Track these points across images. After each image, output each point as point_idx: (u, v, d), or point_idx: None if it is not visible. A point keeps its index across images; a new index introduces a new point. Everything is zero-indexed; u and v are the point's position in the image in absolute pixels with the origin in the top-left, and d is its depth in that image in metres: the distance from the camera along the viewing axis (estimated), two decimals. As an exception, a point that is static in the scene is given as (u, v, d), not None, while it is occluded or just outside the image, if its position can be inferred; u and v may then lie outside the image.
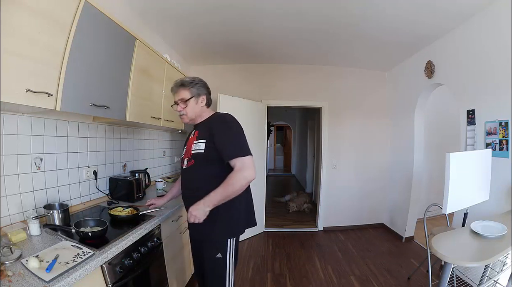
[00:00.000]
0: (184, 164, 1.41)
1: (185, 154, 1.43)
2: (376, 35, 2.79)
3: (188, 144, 1.41)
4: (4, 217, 1.22)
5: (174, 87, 1.41)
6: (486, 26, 2.19)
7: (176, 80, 1.40)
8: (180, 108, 1.39)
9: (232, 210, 1.32)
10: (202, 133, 1.35)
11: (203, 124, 1.40)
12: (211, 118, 1.41)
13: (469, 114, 2.39)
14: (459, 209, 1.85)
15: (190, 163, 1.36)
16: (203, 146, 1.31)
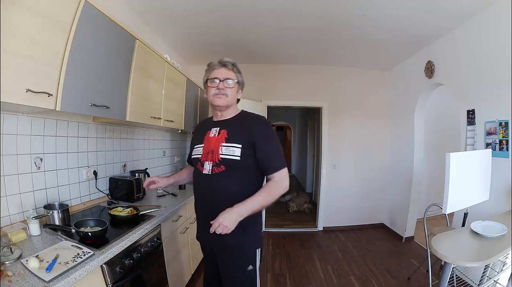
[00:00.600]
0: (205, 169, 1.19)
1: (205, 155, 1.21)
2: (376, 35, 2.79)
3: (210, 144, 1.21)
4: (4, 217, 1.21)
5: (224, 62, 1.22)
6: (486, 26, 2.19)
7: (225, 58, 1.24)
8: (222, 85, 1.19)
9: (258, 217, 1.23)
10: (236, 135, 1.18)
11: (234, 123, 1.23)
12: (246, 119, 1.25)
13: (469, 114, 2.39)
14: (459, 209, 1.85)
15: (218, 169, 1.15)
16: (238, 152, 1.14)
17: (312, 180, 5.93)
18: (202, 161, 1.21)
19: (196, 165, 1.24)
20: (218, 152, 1.16)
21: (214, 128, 1.24)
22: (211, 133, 1.24)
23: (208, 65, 1.27)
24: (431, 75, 2.93)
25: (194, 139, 1.37)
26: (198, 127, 1.44)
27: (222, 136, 1.20)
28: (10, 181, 1.25)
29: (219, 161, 1.16)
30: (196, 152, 1.27)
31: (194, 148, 1.31)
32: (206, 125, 1.31)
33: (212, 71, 1.24)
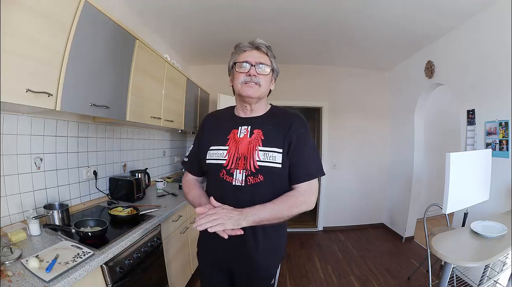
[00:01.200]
0: (236, 179, 0.94)
1: (233, 162, 0.95)
2: (376, 35, 2.79)
3: (241, 148, 0.96)
4: (4, 217, 1.21)
5: (257, 44, 1.00)
6: (486, 26, 2.19)
7: (258, 39, 1.01)
8: (254, 71, 0.96)
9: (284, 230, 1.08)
10: (275, 137, 0.96)
11: (269, 122, 1.00)
12: (282, 116, 1.03)
13: (469, 114, 2.39)
14: (459, 209, 1.85)
15: (254, 180, 0.93)
16: (279, 158, 0.93)
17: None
18: (230, 169, 0.95)
19: (218, 173, 0.96)
20: (254, 158, 0.93)
21: (243, 126, 1.00)
22: (239, 132, 0.99)
23: (236, 46, 1.02)
24: (431, 75, 2.93)
25: (207, 137, 1.05)
26: (211, 121, 1.10)
27: (257, 138, 0.96)
28: (10, 181, 1.25)
29: (256, 170, 0.92)
30: (215, 156, 0.98)
31: (210, 149, 1.00)
32: (227, 121, 1.05)
33: (242, 53, 0.99)
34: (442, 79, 2.81)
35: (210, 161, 1.00)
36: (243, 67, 0.97)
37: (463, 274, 2.10)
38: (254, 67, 0.96)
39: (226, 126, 1.03)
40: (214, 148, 1.00)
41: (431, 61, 2.91)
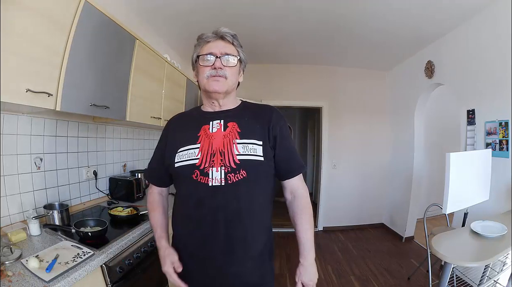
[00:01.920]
0: (213, 178, 0.82)
1: (207, 159, 0.84)
2: (377, 35, 2.79)
3: (215, 142, 0.86)
4: (4, 217, 1.21)
5: (222, 33, 0.90)
6: (486, 26, 2.19)
7: (223, 28, 0.91)
8: (220, 64, 0.87)
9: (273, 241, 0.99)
10: (252, 128, 0.89)
11: (243, 114, 0.93)
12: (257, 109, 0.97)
13: (469, 114, 2.39)
14: (459, 209, 1.85)
15: (237, 177, 0.82)
16: (260, 151, 0.85)
17: (312, 180, 5.93)
18: (204, 168, 0.83)
19: (190, 175, 0.83)
20: (233, 152, 0.83)
21: (214, 120, 0.90)
22: (210, 127, 0.89)
23: (198, 37, 0.93)
24: (431, 75, 2.93)
25: (173, 140, 0.93)
26: (176, 123, 1.00)
27: (232, 130, 0.88)
28: (10, 181, 1.25)
29: (237, 165, 0.82)
30: (185, 157, 0.86)
31: (178, 152, 0.88)
32: (195, 118, 0.95)
33: (205, 45, 0.90)
34: (442, 79, 2.81)
35: (180, 164, 0.86)
36: (207, 59, 0.87)
37: (463, 274, 2.10)
38: (220, 58, 0.87)
39: (195, 123, 0.92)
40: (182, 149, 0.88)
41: (431, 61, 2.91)
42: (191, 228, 0.87)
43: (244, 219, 0.84)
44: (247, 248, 0.85)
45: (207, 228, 0.83)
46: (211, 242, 0.84)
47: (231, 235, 0.83)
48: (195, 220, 0.85)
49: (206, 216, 0.83)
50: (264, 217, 0.90)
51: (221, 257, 0.84)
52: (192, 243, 0.87)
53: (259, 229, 0.88)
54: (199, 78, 0.91)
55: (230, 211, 0.82)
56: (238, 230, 0.83)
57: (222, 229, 0.82)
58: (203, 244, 0.85)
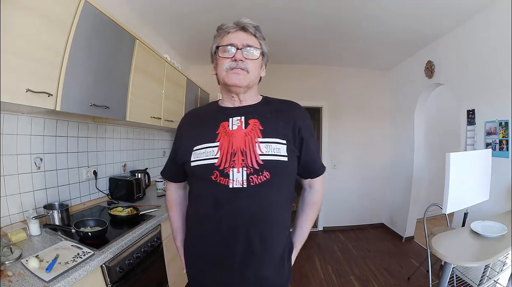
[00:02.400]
0: (234, 180, 0.77)
1: (227, 159, 0.78)
2: (377, 35, 2.79)
3: (236, 141, 0.80)
4: (4, 217, 1.22)
5: (243, 24, 0.83)
6: (486, 26, 2.19)
7: (244, 19, 0.84)
8: (241, 56, 0.81)
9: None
10: (275, 126, 0.83)
11: (265, 110, 0.87)
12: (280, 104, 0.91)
13: (469, 114, 2.39)
14: (459, 209, 1.85)
15: (259, 179, 0.77)
16: (284, 150, 0.80)
17: (312, 180, 5.93)
18: (224, 169, 0.77)
19: (209, 176, 0.78)
20: (256, 152, 0.78)
21: (234, 117, 0.84)
22: (230, 124, 0.83)
23: (218, 28, 0.86)
24: (431, 75, 2.93)
25: (189, 137, 0.87)
26: (191, 119, 0.94)
27: (254, 128, 0.81)
28: (10, 181, 1.25)
29: (260, 166, 0.77)
30: (203, 156, 0.80)
31: (194, 150, 0.82)
32: (213, 114, 0.88)
33: (225, 35, 0.84)
34: (442, 79, 2.81)
35: (196, 163, 0.80)
36: (228, 51, 0.81)
37: (463, 274, 2.10)
38: (241, 50, 0.81)
39: (213, 120, 0.86)
40: (200, 147, 0.82)
41: (431, 61, 2.91)
42: (208, 230, 0.82)
43: (266, 222, 0.80)
44: (267, 251, 0.81)
45: (225, 231, 0.79)
46: (229, 245, 0.79)
47: (251, 238, 0.78)
48: (213, 222, 0.80)
49: (224, 218, 0.78)
50: (285, 219, 0.86)
51: (240, 261, 0.79)
52: (208, 246, 0.83)
53: (280, 231, 0.85)
54: (218, 71, 0.84)
55: (252, 214, 0.77)
56: (259, 233, 0.79)
57: (242, 232, 0.77)
58: (221, 247, 0.80)
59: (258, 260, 0.80)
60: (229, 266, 0.80)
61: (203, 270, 0.86)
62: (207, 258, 0.84)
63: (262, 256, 0.81)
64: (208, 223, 0.81)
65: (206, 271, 0.85)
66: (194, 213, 0.88)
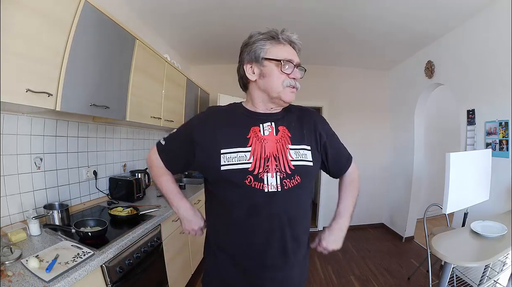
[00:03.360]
0: (268, 184, 0.78)
1: (260, 164, 0.79)
2: (377, 35, 2.79)
3: (269, 146, 0.82)
4: (4, 217, 1.21)
5: (293, 41, 0.89)
6: (486, 26, 2.19)
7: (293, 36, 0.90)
8: (299, 75, 0.87)
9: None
10: (300, 133, 0.87)
11: (290, 119, 0.90)
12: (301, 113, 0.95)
13: (469, 114, 2.39)
14: (459, 209, 1.85)
15: (292, 183, 0.80)
16: (310, 156, 0.85)
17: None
18: (258, 174, 0.78)
19: (243, 181, 0.78)
20: (288, 158, 0.81)
21: (265, 123, 0.85)
22: (261, 129, 0.84)
23: (267, 33, 0.84)
24: (431, 75, 2.93)
25: (214, 137, 0.83)
26: (217, 116, 0.90)
27: (283, 135, 0.85)
28: (10, 181, 1.25)
29: (292, 170, 0.80)
30: (235, 160, 0.79)
31: (222, 153, 0.80)
32: (240, 116, 0.88)
33: (280, 46, 0.84)
34: (442, 79, 2.81)
35: (228, 168, 0.78)
36: (288, 66, 0.83)
37: (463, 274, 2.10)
38: (297, 69, 0.85)
39: (241, 123, 0.85)
40: (229, 151, 0.80)
41: (431, 61, 2.91)
42: (241, 237, 0.82)
43: (297, 224, 0.83)
44: (297, 253, 0.85)
45: (262, 236, 0.80)
46: (265, 251, 0.81)
47: (285, 241, 0.81)
48: (248, 228, 0.80)
49: (262, 224, 0.79)
50: (308, 221, 0.91)
51: (273, 263, 0.82)
52: (242, 253, 0.83)
53: (305, 233, 0.89)
54: (272, 83, 0.83)
55: (286, 217, 0.80)
56: (292, 235, 0.82)
57: (278, 235, 0.80)
58: (257, 253, 0.81)
59: (288, 261, 0.83)
60: (262, 269, 0.82)
61: (232, 277, 0.85)
62: (239, 264, 0.84)
63: (292, 257, 0.84)
64: (241, 228, 0.81)
65: (235, 277, 0.85)
66: (223, 221, 0.85)
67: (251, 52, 0.84)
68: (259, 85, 0.85)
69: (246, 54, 0.85)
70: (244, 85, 0.90)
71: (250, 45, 0.84)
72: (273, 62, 0.82)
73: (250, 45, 0.84)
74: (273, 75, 0.83)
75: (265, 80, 0.83)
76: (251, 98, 0.90)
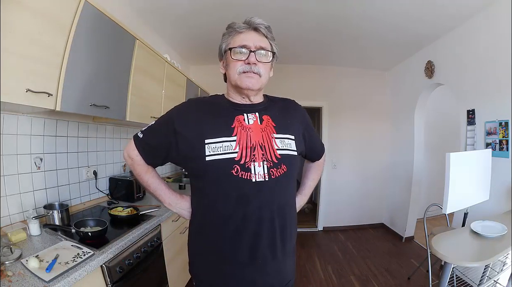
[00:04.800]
0: (256, 174, 0.77)
1: (246, 153, 0.78)
2: (377, 35, 2.79)
3: (254, 135, 0.81)
4: (4, 217, 1.21)
5: (255, 25, 0.83)
6: (486, 26, 2.19)
7: (256, 19, 0.83)
8: (254, 59, 0.81)
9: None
10: (284, 123, 0.88)
11: (273, 108, 0.90)
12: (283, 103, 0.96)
13: (469, 114, 2.39)
14: (459, 209, 1.85)
15: (279, 172, 0.80)
16: (294, 145, 0.86)
17: (312, 180, 5.94)
18: (245, 163, 0.77)
19: (229, 171, 0.76)
20: (273, 147, 0.81)
21: (249, 113, 0.85)
22: (246, 119, 0.83)
23: (229, 26, 0.85)
24: (431, 75, 2.93)
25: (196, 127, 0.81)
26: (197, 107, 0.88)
27: (268, 124, 0.84)
28: (10, 181, 1.25)
29: (278, 159, 0.80)
30: (220, 150, 0.77)
31: (207, 143, 0.78)
32: (223, 106, 0.87)
33: (237, 35, 0.83)
34: (442, 79, 2.81)
35: (213, 158, 0.76)
36: (241, 53, 0.81)
37: (463, 274, 2.10)
38: (254, 53, 0.81)
39: (224, 112, 0.84)
40: (214, 140, 0.78)
41: (431, 61, 2.91)
42: (232, 230, 0.78)
43: (286, 214, 0.83)
44: (286, 244, 0.85)
45: (252, 228, 0.78)
46: (256, 242, 0.79)
47: (274, 231, 0.80)
48: (238, 219, 0.77)
49: (251, 214, 0.77)
50: (295, 211, 0.93)
51: (264, 254, 0.80)
52: (233, 247, 0.79)
53: (294, 223, 0.89)
54: (230, 72, 0.84)
55: (275, 207, 0.80)
56: (281, 225, 0.81)
57: (267, 225, 0.79)
58: (248, 246, 0.79)
59: (278, 252, 0.82)
60: (254, 261, 0.80)
61: (224, 272, 0.82)
62: (230, 259, 0.80)
63: (282, 248, 0.83)
64: (232, 222, 0.78)
65: (228, 272, 0.82)
66: (212, 215, 0.81)
67: (219, 49, 0.88)
68: (228, 77, 0.87)
69: (218, 52, 0.89)
70: (225, 80, 0.92)
71: (220, 44, 0.88)
72: (228, 52, 0.83)
73: (220, 43, 0.88)
74: (230, 65, 0.83)
75: (228, 72, 0.85)
76: (227, 91, 0.91)
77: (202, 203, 0.85)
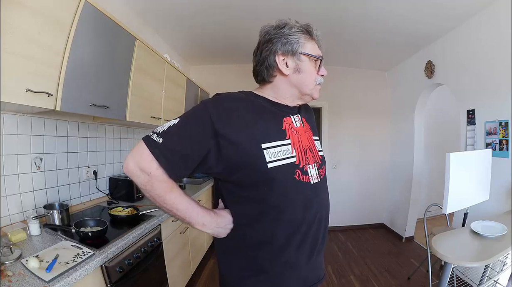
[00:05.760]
0: (312, 176, 0.77)
1: (302, 157, 0.76)
2: (377, 35, 2.79)
3: (303, 139, 0.79)
4: (4, 217, 1.22)
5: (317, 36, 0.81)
6: (486, 26, 2.19)
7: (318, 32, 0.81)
8: (325, 72, 0.81)
9: None
10: (312, 125, 0.90)
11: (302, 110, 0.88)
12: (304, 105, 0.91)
13: (469, 114, 2.39)
14: (459, 209, 1.85)
15: (323, 171, 0.84)
16: (320, 146, 0.90)
17: (312, 180, 5.94)
18: (303, 167, 0.75)
19: (292, 176, 0.72)
20: (316, 148, 0.83)
21: (294, 115, 0.81)
22: (293, 121, 0.79)
23: (304, 26, 0.77)
24: (431, 75, 2.93)
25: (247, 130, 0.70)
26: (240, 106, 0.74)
27: (307, 126, 0.84)
28: (10, 181, 1.25)
29: (321, 160, 0.83)
30: (280, 155, 0.71)
31: (265, 149, 0.70)
32: (266, 107, 0.77)
33: (311, 42, 0.78)
34: (442, 79, 2.81)
35: (275, 164, 0.69)
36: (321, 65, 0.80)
37: (463, 274, 2.10)
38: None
39: (271, 114, 0.76)
40: (271, 145, 0.71)
41: (431, 61, 2.91)
42: (295, 234, 0.74)
43: (329, 213, 0.87)
44: (325, 243, 0.88)
45: (313, 230, 0.77)
46: (314, 243, 0.79)
47: (325, 230, 0.84)
48: (305, 224, 0.74)
49: (313, 217, 0.76)
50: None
51: (317, 253, 0.83)
52: (296, 253, 0.75)
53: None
54: (305, 78, 0.77)
55: (327, 206, 0.84)
56: (327, 225, 0.85)
57: (323, 226, 0.81)
58: (307, 248, 0.77)
59: (322, 248, 0.87)
60: (310, 260, 0.81)
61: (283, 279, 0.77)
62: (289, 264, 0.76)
63: (322, 247, 0.88)
64: (301, 227, 0.74)
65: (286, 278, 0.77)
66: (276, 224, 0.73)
67: (288, 43, 0.75)
68: (291, 80, 0.78)
69: (280, 44, 0.75)
70: (267, 76, 0.80)
71: (286, 36, 0.75)
72: (311, 58, 0.77)
73: (285, 35, 0.75)
74: (308, 71, 0.78)
75: (300, 76, 0.77)
76: (275, 91, 0.81)
77: (263, 214, 0.73)
